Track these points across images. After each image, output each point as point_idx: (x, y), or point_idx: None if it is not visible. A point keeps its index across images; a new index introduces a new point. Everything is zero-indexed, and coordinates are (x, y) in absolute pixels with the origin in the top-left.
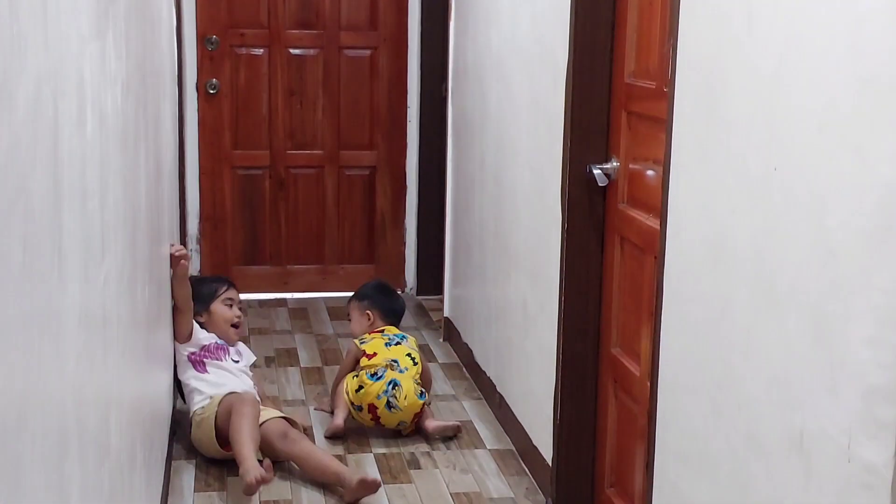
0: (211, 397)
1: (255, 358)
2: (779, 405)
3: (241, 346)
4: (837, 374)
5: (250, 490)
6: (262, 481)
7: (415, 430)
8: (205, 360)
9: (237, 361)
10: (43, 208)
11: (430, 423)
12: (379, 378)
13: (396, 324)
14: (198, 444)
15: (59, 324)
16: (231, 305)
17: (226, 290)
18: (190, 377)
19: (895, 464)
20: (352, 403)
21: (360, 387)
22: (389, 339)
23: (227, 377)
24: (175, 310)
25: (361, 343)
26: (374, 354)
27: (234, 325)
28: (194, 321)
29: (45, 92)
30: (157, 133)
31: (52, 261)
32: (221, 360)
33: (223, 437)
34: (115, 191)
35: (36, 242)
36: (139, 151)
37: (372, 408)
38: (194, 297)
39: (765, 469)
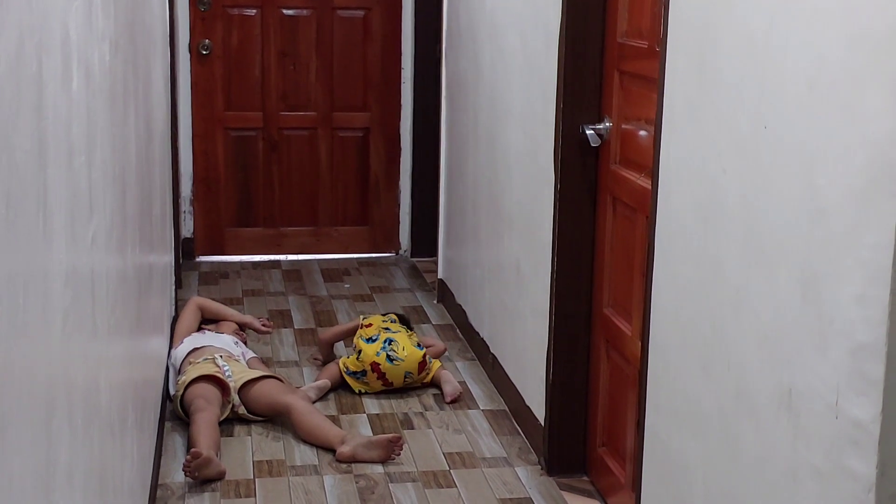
0: (191, 356)
1: (250, 354)
2: (768, 363)
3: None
4: (826, 331)
5: (186, 464)
6: (198, 458)
7: (421, 386)
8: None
9: (218, 334)
10: (27, 164)
11: (446, 376)
12: (374, 340)
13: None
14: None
15: (45, 282)
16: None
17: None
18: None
19: (882, 420)
20: (354, 375)
21: (359, 352)
22: (389, 324)
23: (203, 338)
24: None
25: (362, 318)
26: (370, 325)
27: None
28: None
29: (27, 46)
30: (147, 93)
31: (38, 217)
32: (201, 333)
33: (188, 413)
34: (102, 149)
35: (20, 198)
36: (129, 111)
37: (375, 366)
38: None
39: (754, 426)
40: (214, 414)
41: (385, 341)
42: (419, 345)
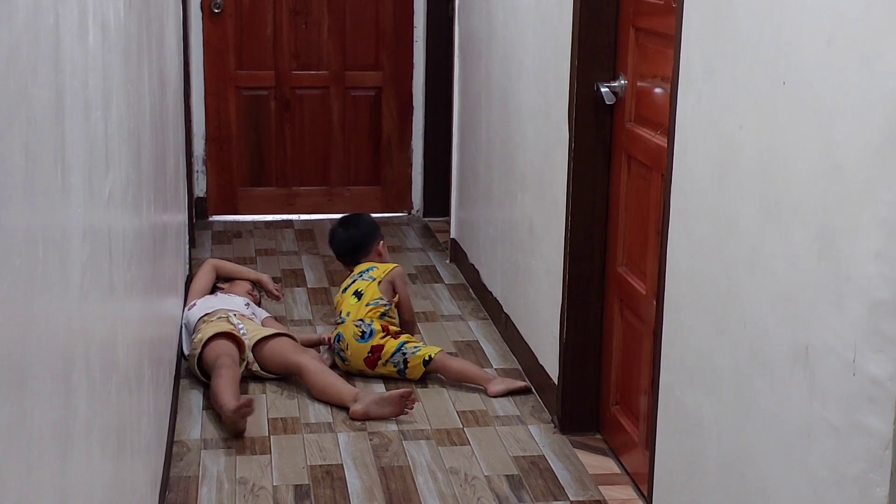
0: (205, 316)
1: (264, 314)
2: (784, 321)
3: (249, 303)
4: (843, 288)
5: (237, 412)
6: (246, 405)
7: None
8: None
9: (229, 296)
10: (45, 117)
11: (494, 388)
12: (339, 338)
13: (354, 261)
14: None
15: (63, 236)
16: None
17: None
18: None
19: None
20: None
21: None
22: (349, 283)
23: (214, 300)
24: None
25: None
26: (339, 312)
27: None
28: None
29: None
30: (161, 51)
31: (55, 170)
32: (213, 296)
33: (206, 371)
34: (118, 104)
35: (38, 151)
36: (143, 67)
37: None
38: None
39: (769, 384)
40: (238, 372)
41: (336, 339)
42: (363, 335)
